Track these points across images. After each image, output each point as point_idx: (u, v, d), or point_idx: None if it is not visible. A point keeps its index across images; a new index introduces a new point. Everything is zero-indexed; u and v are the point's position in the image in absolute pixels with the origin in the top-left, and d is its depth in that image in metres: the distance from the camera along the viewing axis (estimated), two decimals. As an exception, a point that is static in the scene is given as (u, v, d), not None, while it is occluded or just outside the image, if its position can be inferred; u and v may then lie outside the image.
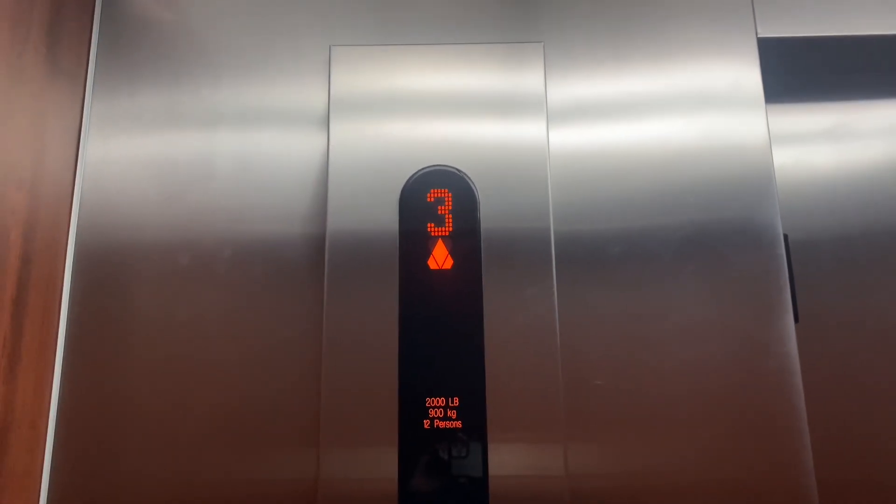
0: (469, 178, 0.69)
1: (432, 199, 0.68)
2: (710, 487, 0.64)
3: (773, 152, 0.72)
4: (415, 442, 0.62)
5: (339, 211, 0.68)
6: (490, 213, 0.67)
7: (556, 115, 0.74)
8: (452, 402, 0.63)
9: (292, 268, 0.70)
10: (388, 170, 0.69)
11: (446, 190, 0.68)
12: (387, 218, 0.67)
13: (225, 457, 0.66)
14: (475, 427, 0.63)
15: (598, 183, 0.72)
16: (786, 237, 0.69)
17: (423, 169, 0.69)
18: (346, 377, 0.64)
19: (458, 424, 0.63)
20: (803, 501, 0.63)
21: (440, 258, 0.66)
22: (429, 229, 0.67)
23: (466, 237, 0.67)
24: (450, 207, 0.68)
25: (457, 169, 0.69)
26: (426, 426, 0.63)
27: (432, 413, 0.63)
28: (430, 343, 0.64)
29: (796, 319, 0.67)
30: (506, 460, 0.62)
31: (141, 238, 0.71)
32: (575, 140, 0.73)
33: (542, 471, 0.62)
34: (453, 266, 0.66)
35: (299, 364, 0.68)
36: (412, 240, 0.67)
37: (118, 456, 0.66)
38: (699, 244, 0.69)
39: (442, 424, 0.63)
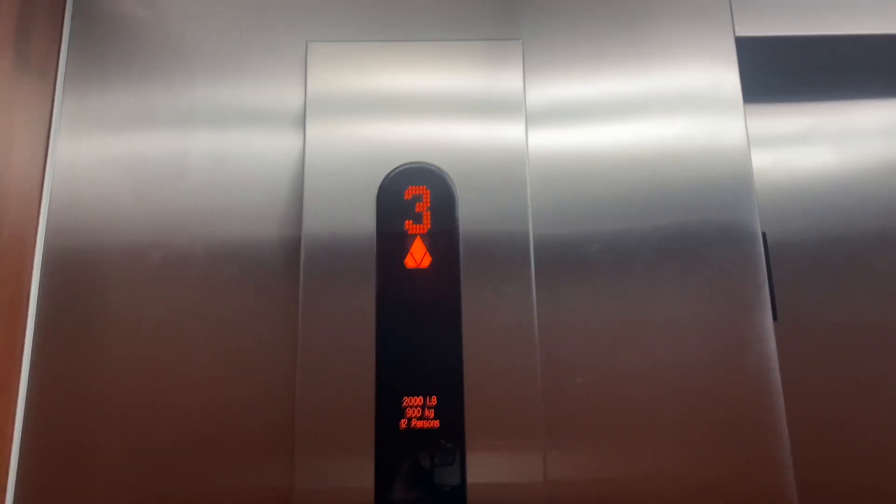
0: (447, 176, 0.68)
1: (410, 197, 0.67)
2: (690, 488, 0.64)
3: (752, 152, 0.72)
4: (392, 442, 0.61)
5: (316, 208, 0.67)
6: (468, 215, 0.67)
7: (535, 116, 0.73)
8: (430, 402, 0.62)
9: (267, 268, 0.69)
10: (365, 168, 0.68)
11: (424, 187, 0.67)
12: (364, 216, 0.67)
13: (197, 463, 0.64)
14: (453, 427, 0.62)
15: (576, 184, 0.72)
16: (764, 235, 0.69)
17: (400, 166, 0.68)
18: (321, 378, 0.63)
19: (436, 424, 0.62)
20: (782, 501, 0.63)
21: (418, 256, 0.66)
22: (406, 227, 0.66)
23: (445, 235, 0.66)
24: (428, 205, 0.67)
25: (435, 166, 0.68)
26: (403, 426, 0.61)
27: (409, 413, 0.62)
28: (407, 342, 0.63)
29: (775, 317, 0.67)
30: (484, 460, 0.61)
31: (112, 238, 0.69)
32: (554, 141, 0.73)
33: (520, 470, 0.61)
34: (431, 264, 0.65)
35: (274, 366, 0.66)
36: (390, 238, 0.66)
37: (86, 460, 0.64)
38: (678, 243, 0.69)
39: (419, 424, 0.62)
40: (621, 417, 0.65)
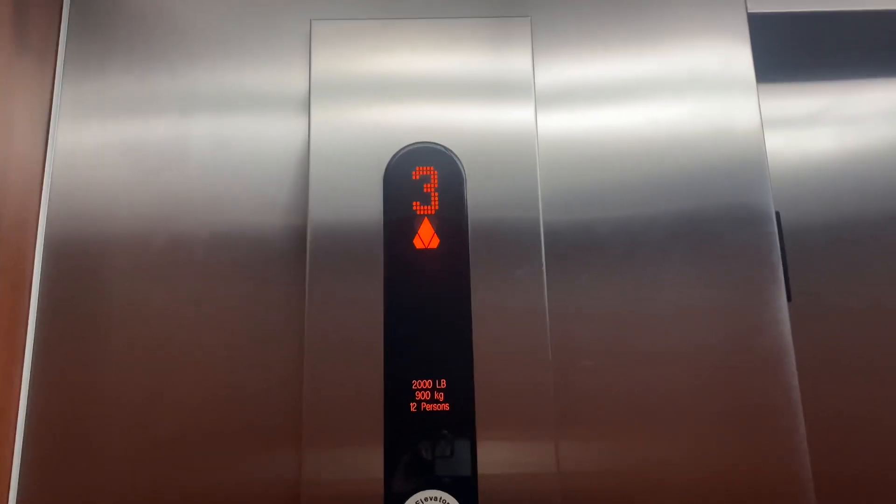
0: (455, 156, 0.67)
1: (418, 177, 0.66)
2: (705, 474, 0.63)
3: (765, 133, 0.71)
4: (401, 425, 0.60)
5: (322, 190, 0.66)
6: (477, 197, 0.66)
7: (544, 97, 0.72)
8: (440, 385, 0.61)
9: (272, 253, 0.68)
10: (372, 149, 0.67)
11: (432, 167, 0.66)
12: (371, 197, 0.65)
13: (203, 454, 0.63)
14: (463, 410, 0.61)
15: (586, 167, 0.70)
16: (778, 215, 0.68)
17: (407, 146, 0.67)
18: (329, 363, 0.62)
19: (446, 407, 0.61)
20: (798, 486, 0.62)
21: (426, 237, 0.64)
22: (414, 208, 0.65)
23: (453, 215, 0.65)
24: (436, 185, 0.66)
25: (443, 146, 0.67)
26: (413, 409, 0.60)
27: (419, 396, 0.61)
28: (416, 324, 0.62)
29: (789, 298, 0.65)
30: (495, 444, 0.60)
31: (114, 224, 0.68)
32: (564, 123, 0.72)
33: (532, 452, 0.61)
34: (440, 245, 0.64)
35: (280, 354, 0.65)
36: (397, 219, 0.65)
37: (90, 450, 0.63)
38: (690, 225, 0.68)
39: (429, 407, 0.61)
40: (634, 403, 0.64)
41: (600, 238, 0.68)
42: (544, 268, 0.64)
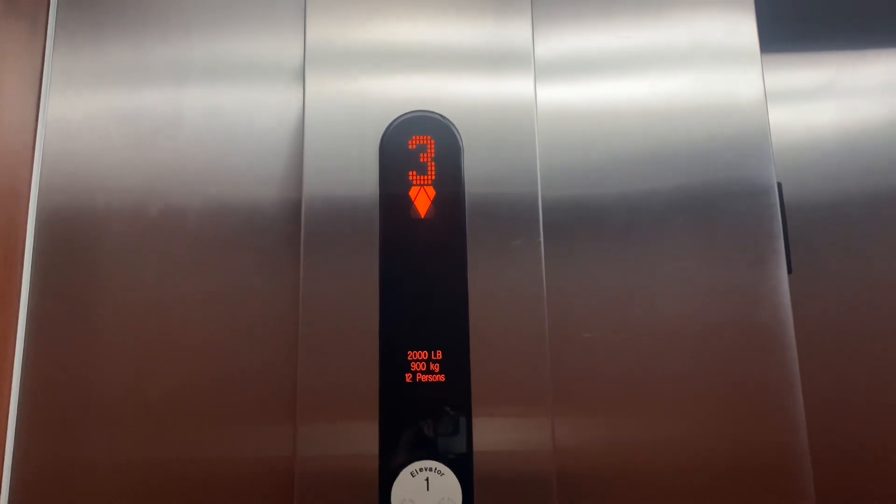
0: (452, 124, 0.66)
1: (414, 147, 0.65)
2: (703, 449, 0.63)
3: (769, 104, 0.69)
4: (397, 396, 0.60)
5: (317, 159, 0.65)
6: (475, 170, 0.65)
7: (543, 69, 0.71)
8: (435, 356, 0.61)
9: (266, 222, 0.67)
10: (367, 118, 0.66)
11: (428, 136, 0.65)
12: (366, 166, 0.64)
13: (195, 428, 0.63)
14: (459, 381, 0.60)
15: (585, 139, 0.69)
16: (779, 186, 0.67)
17: (404, 114, 0.66)
18: (324, 332, 0.61)
19: (442, 378, 0.60)
20: (795, 461, 0.62)
21: (423, 207, 0.64)
22: (410, 178, 0.64)
23: (450, 185, 0.64)
24: (432, 155, 0.65)
25: (440, 115, 0.66)
26: (408, 380, 0.60)
27: (414, 367, 0.60)
28: (412, 295, 0.62)
29: (790, 270, 0.65)
30: (490, 414, 0.60)
31: (107, 196, 0.67)
32: (564, 95, 0.70)
33: (527, 423, 0.60)
34: (436, 215, 0.63)
35: (275, 327, 0.65)
36: (393, 189, 0.64)
37: (83, 423, 0.63)
38: (690, 197, 0.67)
39: (424, 378, 0.60)
40: (631, 377, 0.64)
41: (599, 210, 0.67)
42: (542, 238, 0.63)
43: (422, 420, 0.60)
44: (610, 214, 0.67)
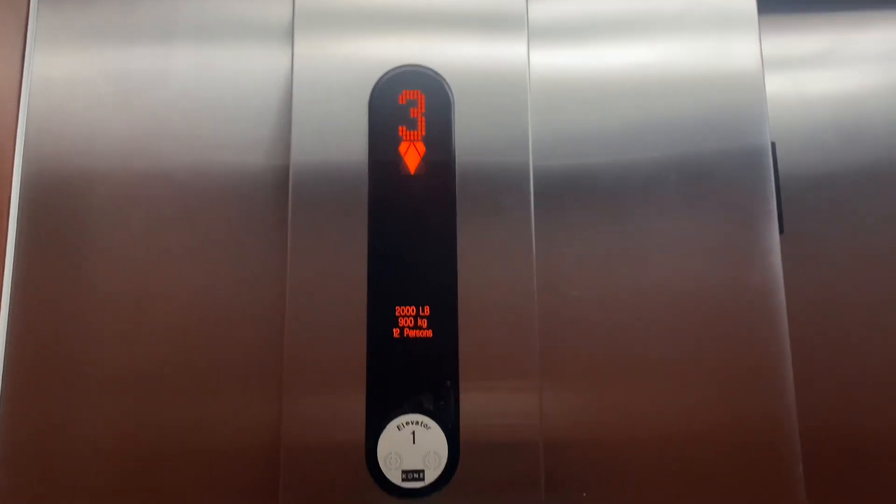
0: (443, 79, 0.65)
1: (404, 102, 0.64)
2: (690, 415, 0.62)
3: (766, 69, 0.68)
4: (384, 351, 0.59)
5: (306, 115, 0.64)
6: (465, 127, 0.64)
7: (537, 31, 0.69)
8: (423, 312, 0.60)
9: (256, 177, 0.66)
10: (357, 74, 0.65)
11: (419, 91, 0.64)
12: (356, 121, 0.64)
13: (181, 387, 0.62)
14: (446, 337, 0.60)
15: (578, 100, 0.68)
16: (773, 146, 0.66)
17: (394, 69, 0.65)
18: (312, 287, 0.61)
19: (429, 334, 0.60)
20: (782, 427, 0.62)
21: (412, 163, 0.63)
22: (400, 133, 0.63)
23: (440, 141, 0.63)
24: (423, 110, 0.64)
25: (431, 69, 0.65)
26: (396, 335, 0.60)
27: (402, 322, 0.60)
28: (400, 250, 0.61)
29: (781, 230, 0.64)
30: (477, 371, 0.60)
31: (93, 155, 0.66)
32: (557, 59, 0.69)
33: (514, 378, 0.60)
34: (426, 171, 0.63)
35: (262, 286, 0.64)
36: (383, 144, 0.63)
37: (68, 380, 0.62)
38: (684, 156, 0.66)
39: (412, 333, 0.60)
40: (620, 341, 0.63)
41: (590, 176, 0.66)
42: (532, 197, 0.63)
43: (409, 375, 0.59)
44: (601, 179, 0.66)
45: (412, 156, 0.63)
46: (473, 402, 0.60)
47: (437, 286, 0.61)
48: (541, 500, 0.59)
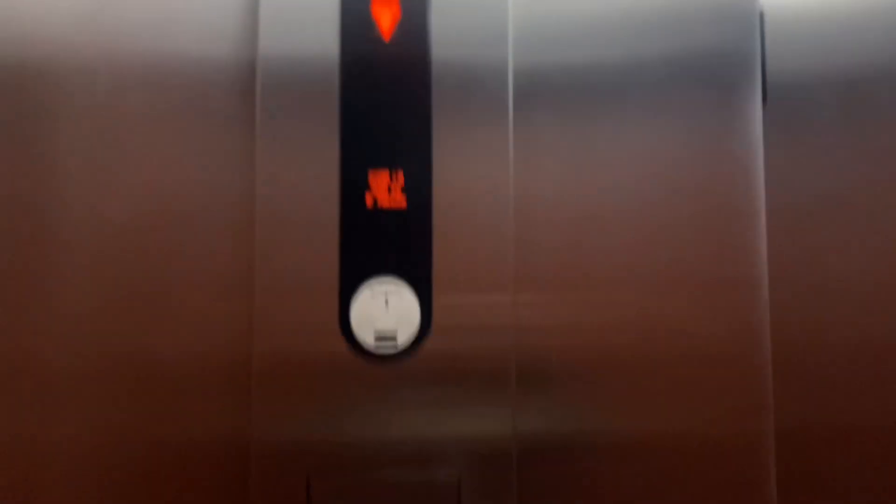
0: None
1: (377, -41, 0.61)
2: (668, 324, 0.62)
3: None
4: (357, 220, 0.59)
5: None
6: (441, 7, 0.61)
7: None
8: (396, 178, 0.59)
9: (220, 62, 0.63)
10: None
11: (394, -47, 0.61)
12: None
13: (150, 312, 0.61)
14: (420, 207, 0.59)
15: None
16: (762, 16, 0.63)
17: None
18: (283, 156, 0.60)
19: (403, 204, 0.59)
20: (755, 337, 0.61)
21: (386, 28, 0.60)
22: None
23: (414, 6, 0.61)
24: (397, -29, 0.61)
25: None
26: (369, 204, 0.59)
27: (375, 188, 0.59)
28: (374, 116, 0.60)
29: (764, 101, 0.63)
30: (450, 236, 0.60)
31: (52, 49, 0.62)
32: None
33: (487, 247, 0.60)
34: (399, 37, 0.60)
35: (229, 173, 0.62)
36: (355, 7, 0.60)
37: (35, 298, 0.60)
38: (664, 28, 0.63)
39: (386, 203, 0.59)
40: (595, 240, 0.63)
41: (568, 74, 0.64)
42: (510, 94, 0.61)
43: (381, 242, 0.59)
44: (583, 78, 0.63)
45: (386, 19, 0.61)
46: (447, 268, 0.60)
47: (411, 152, 0.60)
48: (511, 367, 0.60)
